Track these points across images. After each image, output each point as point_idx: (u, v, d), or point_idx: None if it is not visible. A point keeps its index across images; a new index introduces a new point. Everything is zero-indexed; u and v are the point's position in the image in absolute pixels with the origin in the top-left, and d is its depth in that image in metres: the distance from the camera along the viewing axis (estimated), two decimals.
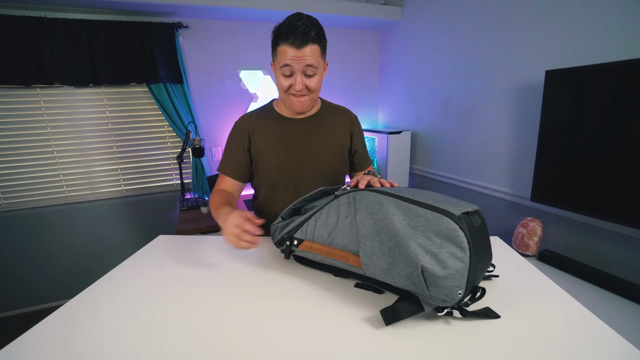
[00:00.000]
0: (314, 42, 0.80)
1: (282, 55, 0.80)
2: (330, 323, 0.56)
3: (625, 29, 1.15)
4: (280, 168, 0.96)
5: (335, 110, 1.05)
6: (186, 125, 2.18)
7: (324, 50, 0.85)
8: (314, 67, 0.82)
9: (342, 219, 0.63)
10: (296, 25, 0.77)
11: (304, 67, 0.81)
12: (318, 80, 0.86)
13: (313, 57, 0.81)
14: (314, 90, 0.87)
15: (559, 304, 0.59)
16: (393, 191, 0.60)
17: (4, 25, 1.77)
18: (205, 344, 0.52)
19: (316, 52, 0.81)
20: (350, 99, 2.79)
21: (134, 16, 2.05)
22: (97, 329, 0.56)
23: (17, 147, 2.01)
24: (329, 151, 0.99)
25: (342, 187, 0.71)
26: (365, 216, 0.58)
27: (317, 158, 0.97)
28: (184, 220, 1.98)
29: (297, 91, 0.85)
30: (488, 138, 1.78)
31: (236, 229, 0.68)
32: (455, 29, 1.92)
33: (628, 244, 1.20)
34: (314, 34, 0.79)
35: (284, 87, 0.86)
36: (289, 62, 0.80)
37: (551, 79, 1.29)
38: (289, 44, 0.78)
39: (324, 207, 0.68)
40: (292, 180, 0.97)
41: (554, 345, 0.49)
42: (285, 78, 0.84)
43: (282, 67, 0.82)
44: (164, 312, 0.61)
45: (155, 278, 0.74)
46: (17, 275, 2.16)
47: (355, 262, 0.60)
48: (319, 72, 0.85)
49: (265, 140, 0.96)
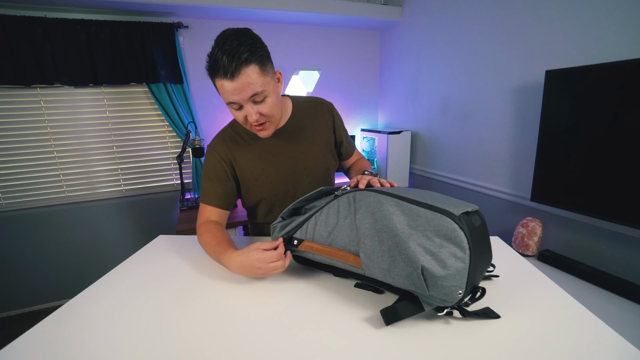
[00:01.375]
0: (248, 63, 0.69)
1: (221, 90, 0.72)
2: (330, 323, 0.56)
3: (625, 29, 1.15)
4: (274, 185, 0.92)
5: (309, 106, 0.98)
6: (186, 125, 2.19)
7: (264, 65, 0.73)
8: (259, 93, 0.73)
9: (342, 219, 0.63)
10: (222, 50, 0.68)
11: (249, 98, 0.72)
12: (272, 103, 0.77)
13: (254, 83, 0.71)
14: (271, 115, 0.78)
15: (559, 304, 0.59)
16: (393, 191, 0.60)
17: (4, 25, 1.77)
18: (205, 344, 0.52)
19: (254, 73, 0.70)
20: (350, 99, 2.79)
21: (134, 16, 2.05)
22: (97, 329, 0.56)
23: (17, 147, 2.01)
24: (317, 151, 0.95)
25: (342, 187, 0.71)
26: (365, 216, 0.58)
27: (307, 163, 0.93)
28: (184, 220, 1.98)
29: (254, 122, 0.77)
30: (488, 138, 1.78)
31: (261, 263, 0.66)
32: (455, 29, 1.92)
33: (628, 244, 1.20)
34: (244, 56, 0.68)
35: (240, 120, 0.78)
36: (231, 96, 0.72)
37: (551, 79, 1.29)
38: (221, 77, 0.69)
39: (324, 207, 0.68)
40: (289, 193, 0.94)
41: (554, 345, 0.49)
42: (237, 111, 0.76)
43: (229, 103, 0.75)
44: (164, 312, 0.61)
45: (155, 278, 0.74)
46: (17, 275, 2.16)
47: (355, 262, 0.60)
48: (269, 92, 0.75)
49: (250, 162, 0.90)
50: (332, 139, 1.00)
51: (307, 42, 2.53)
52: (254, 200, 0.94)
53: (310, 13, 2.19)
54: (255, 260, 0.66)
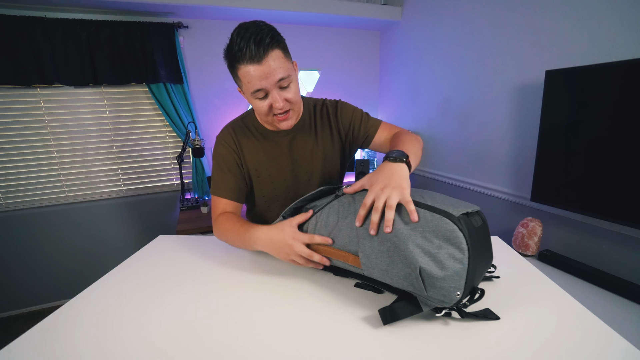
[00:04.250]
0: (273, 47, 0.69)
1: (246, 77, 0.70)
2: (329, 322, 0.56)
3: (625, 29, 1.15)
4: (275, 185, 0.92)
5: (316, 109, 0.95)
6: (186, 125, 2.19)
7: (287, 51, 0.75)
8: (285, 78, 0.72)
9: (342, 218, 0.63)
10: (245, 37, 0.67)
11: (276, 82, 0.71)
12: (295, 89, 0.77)
13: (280, 67, 0.70)
14: (295, 102, 0.77)
15: (559, 304, 0.59)
16: None
17: (4, 25, 1.77)
18: (206, 344, 0.52)
19: (280, 57, 0.71)
20: (350, 99, 2.76)
21: (134, 16, 2.05)
22: (97, 329, 0.56)
23: (17, 147, 2.01)
24: (321, 155, 0.94)
25: (343, 186, 0.71)
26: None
27: (311, 167, 0.93)
28: (184, 220, 1.99)
29: (280, 109, 0.75)
30: (488, 138, 1.78)
31: (295, 242, 0.67)
32: (455, 29, 1.92)
33: (628, 244, 1.20)
34: (268, 39, 0.68)
35: (264, 111, 0.76)
36: (258, 83, 0.70)
37: (551, 79, 1.29)
38: (247, 62, 0.68)
39: (325, 206, 0.68)
40: (289, 194, 0.94)
41: (554, 345, 0.49)
42: (261, 101, 0.74)
43: (255, 92, 0.72)
44: (164, 312, 0.61)
45: (155, 278, 0.74)
46: (17, 275, 2.16)
47: (355, 262, 0.60)
48: (293, 79, 0.75)
49: (255, 157, 0.90)
50: (339, 143, 0.96)
51: (307, 42, 2.53)
52: (254, 195, 0.95)
53: (310, 13, 2.19)
54: (290, 237, 0.67)
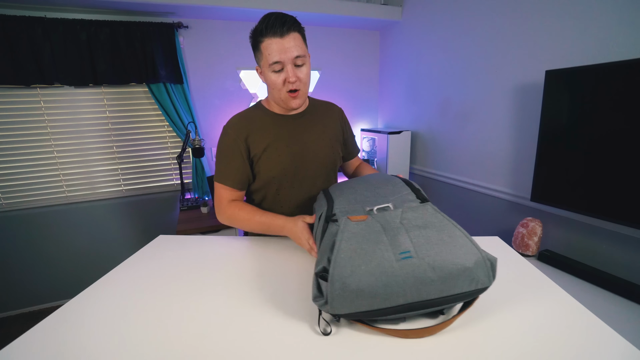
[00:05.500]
0: (295, 30, 0.80)
1: (267, 50, 0.80)
2: (331, 323, 0.56)
3: (625, 29, 1.15)
4: (284, 165, 0.95)
5: (323, 104, 1.07)
6: (186, 125, 2.19)
7: (305, 39, 0.85)
8: (301, 57, 0.82)
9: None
10: (271, 18, 0.79)
11: (293, 58, 0.81)
12: (307, 71, 0.86)
13: (298, 46, 0.81)
14: (305, 82, 0.87)
15: (559, 304, 0.59)
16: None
17: (4, 25, 1.77)
18: (206, 344, 0.52)
19: (299, 40, 0.82)
20: (350, 99, 2.79)
21: (134, 16, 2.05)
22: (97, 329, 0.56)
23: (17, 147, 2.01)
24: (327, 142, 1.01)
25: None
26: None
27: (317, 150, 0.98)
28: (184, 220, 1.98)
29: (292, 82, 0.83)
30: (488, 138, 1.78)
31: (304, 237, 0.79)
32: (455, 29, 1.92)
33: (628, 244, 1.20)
34: (291, 22, 0.80)
35: (277, 83, 0.84)
36: (277, 55, 0.80)
37: (551, 79, 1.29)
38: (271, 35, 0.79)
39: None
40: (297, 176, 0.96)
41: (554, 345, 0.49)
42: (277, 74, 0.83)
43: (272, 64, 0.81)
44: (164, 312, 0.61)
45: (155, 278, 0.74)
46: (17, 275, 2.16)
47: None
48: (307, 61, 0.85)
49: (265, 139, 0.93)
50: (341, 138, 1.07)
51: (307, 42, 2.52)
52: (263, 180, 0.96)
53: (310, 13, 2.19)
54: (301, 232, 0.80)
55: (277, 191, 0.97)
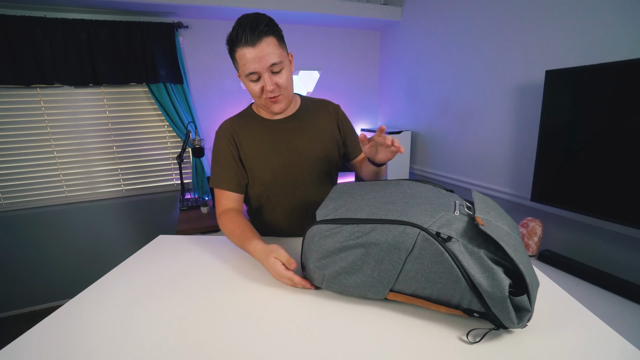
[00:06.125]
0: (267, 34, 0.76)
1: (242, 60, 0.78)
2: (331, 321, 0.56)
3: (625, 29, 1.15)
4: (274, 172, 0.93)
5: (316, 104, 1.03)
6: (186, 125, 2.19)
7: (282, 40, 0.81)
8: (277, 64, 0.79)
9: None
10: (243, 24, 0.75)
11: (269, 67, 0.78)
12: (287, 76, 0.83)
13: (272, 52, 0.77)
14: (285, 87, 0.83)
15: (558, 304, 0.59)
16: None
17: (4, 25, 1.77)
18: (206, 344, 0.52)
19: (273, 44, 0.78)
20: (350, 99, 2.79)
21: (134, 16, 2.05)
22: (97, 329, 0.56)
23: (17, 147, 2.01)
24: (320, 145, 0.97)
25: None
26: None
27: (309, 155, 0.95)
28: (184, 220, 1.99)
29: (270, 92, 0.81)
30: (488, 138, 1.78)
31: (278, 276, 0.68)
32: (455, 29, 1.92)
33: (628, 244, 1.20)
34: (263, 26, 0.75)
35: (256, 92, 0.82)
36: (251, 65, 0.77)
37: (551, 79, 1.28)
38: (243, 44, 0.75)
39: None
40: (288, 182, 0.95)
41: (553, 345, 0.49)
42: (255, 83, 0.81)
43: (248, 74, 0.79)
44: (164, 312, 0.61)
45: (155, 278, 0.74)
46: (17, 275, 2.16)
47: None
48: (285, 65, 0.82)
49: (253, 145, 0.93)
50: (338, 138, 1.02)
51: (307, 42, 2.53)
52: (253, 186, 0.96)
53: (310, 13, 2.19)
54: (271, 269, 0.69)
55: (269, 198, 0.97)
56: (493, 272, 0.46)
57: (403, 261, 0.53)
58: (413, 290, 0.55)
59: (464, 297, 0.50)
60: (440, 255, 0.50)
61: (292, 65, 0.87)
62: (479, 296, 0.48)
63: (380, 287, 0.56)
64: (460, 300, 0.51)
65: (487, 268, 0.47)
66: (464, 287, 0.49)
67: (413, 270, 0.53)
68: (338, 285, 0.60)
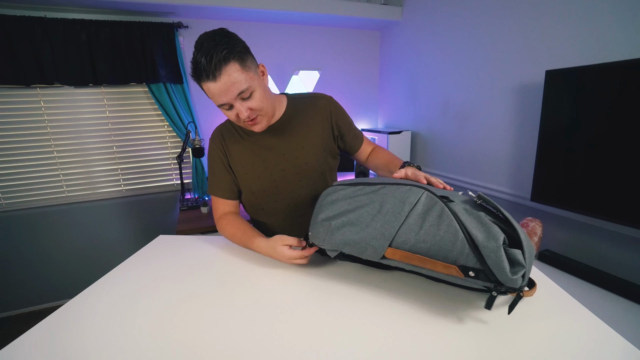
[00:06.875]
0: (227, 62, 0.69)
1: (209, 93, 0.74)
2: (332, 322, 0.56)
3: (625, 29, 1.15)
4: (261, 180, 0.92)
5: (305, 102, 0.95)
6: (186, 125, 2.19)
7: (244, 60, 0.73)
8: (245, 90, 0.74)
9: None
10: (197, 57, 0.70)
11: (236, 96, 0.73)
12: (259, 96, 0.77)
13: (237, 81, 0.71)
14: (261, 108, 0.79)
15: (559, 304, 0.59)
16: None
17: (4, 25, 1.77)
18: (205, 344, 0.52)
19: (236, 71, 0.71)
20: (350, 99, 2.79)
21: (134, 16, 2.05)
22: (97, 329, 0.56)
23: (17, 147, 2.01)
24: (309, 150, 0.92)
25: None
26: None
27: (297, 162, 0.92)
28: (184, 220, 1.98)
29: (246, 119, 0.78)
30: (488, 138, 1.78)
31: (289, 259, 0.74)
32: (455, 29, 1.92)
33: (628, 244, 1.20)
34: (222, 54, 0.69)
35: (233, 118, 0.80)
36: (218, 99, 0.73)
37: (551, 79, 1.28)
38: (204, 80, 0.71)
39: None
40: (278, 189, 0.93)
41: (553, 345, 0.49)
42: (229, 111, 0.78)
43: (220, 106, 0.76)
44: (164, 312, 0.61)
45: (155, 278, 0.74)
46: (17, 275, 2.16)
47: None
48: (255, 87, 0.76)
49: (240, 154, 0.92)
50: (331, 137, 0.96)
51: (307, 42, 2.53)
52: (245, 193, 0.96)
53: (310, 13, 2.19)
54: (280, 256, 0.74)
55: (261, 205, 0.96)
56: (489, 227, 0.50)
57: (406, 214, 0.57)
58: (411, 245, 0.56)
59: (462, 253, 0.51)
60: (441, 210, 0.55)
61: (265, 78, 0.82)
62: (476, 250, 0.50)
63: (381, 239, 0.58)
64: (457, 256, 0.52)
65: (484, 224, 0.51)
66: (461, 239, 0.51)
67: (414, 224, 0.56)
68: (341, 237, 0.62)
